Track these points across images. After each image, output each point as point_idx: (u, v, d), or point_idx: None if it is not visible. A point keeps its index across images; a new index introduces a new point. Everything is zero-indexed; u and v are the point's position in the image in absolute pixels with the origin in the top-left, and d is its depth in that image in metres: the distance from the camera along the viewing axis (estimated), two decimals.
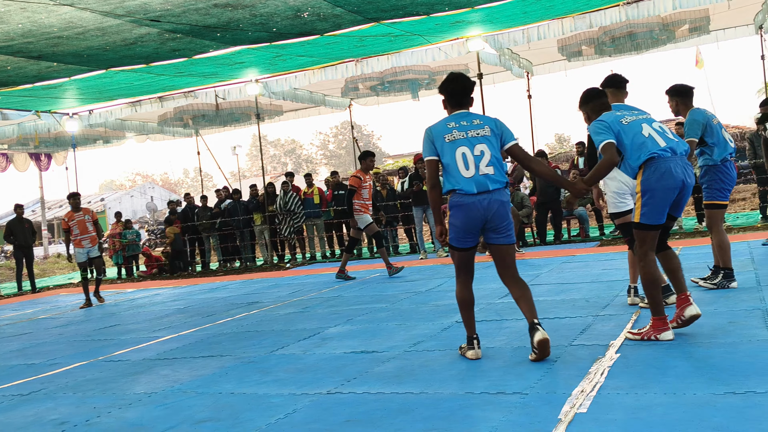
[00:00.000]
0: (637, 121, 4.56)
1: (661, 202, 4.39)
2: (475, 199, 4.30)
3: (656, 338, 4.43)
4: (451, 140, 4.37)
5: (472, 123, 4.42)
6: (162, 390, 4.70)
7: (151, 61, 11.56)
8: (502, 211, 4.34)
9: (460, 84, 4.52)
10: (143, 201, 50.32)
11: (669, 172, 4.35)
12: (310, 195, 15.55)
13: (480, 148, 4.33)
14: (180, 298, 10.96)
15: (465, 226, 4.40)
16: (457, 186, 4.33)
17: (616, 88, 5.40)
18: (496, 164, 4.33)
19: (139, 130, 19.36)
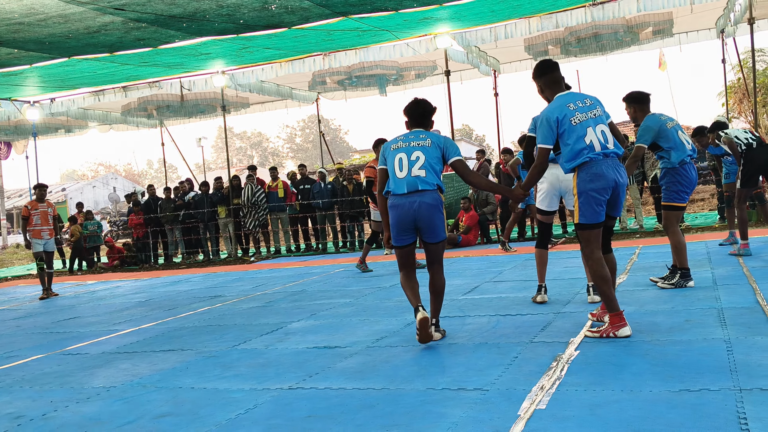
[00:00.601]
0: (585, 123, 4.57)
1: (596, 202, 4.55)
2: (405, 200, 4.73)
3: (614, 335, 4.51)
4: (394, 149, 4.88)
5: (417, 137, 4.88)
6: (121, 384, 4.64)
7: (115, 50, 11.38)
8: (427, 213, 4.72)
9: (420, 107, 5.01)
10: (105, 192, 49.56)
11: (601, 174, 4.52)
12: (274, 189, 15.47)
13: (416, 154, 4.76)
14: (141, 291, 10.84)
15: (397, 224, 4.82)
16: (390, 187, 4.82)
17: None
18: (429, 169, 4.73)
19: (102, 120, 19.07)
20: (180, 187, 16.71)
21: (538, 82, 4.88)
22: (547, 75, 4.82)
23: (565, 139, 4.58)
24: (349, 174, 15.38)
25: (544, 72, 4.84)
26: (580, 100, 4.67)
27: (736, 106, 22.09)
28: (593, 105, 4.67)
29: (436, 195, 4.75)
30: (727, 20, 14.21)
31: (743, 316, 4.87)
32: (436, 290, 5.01)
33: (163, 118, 19.53)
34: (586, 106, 4.64)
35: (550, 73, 4.82)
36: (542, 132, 4.63)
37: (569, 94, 4.76)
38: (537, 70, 4.88)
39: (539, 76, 4.86)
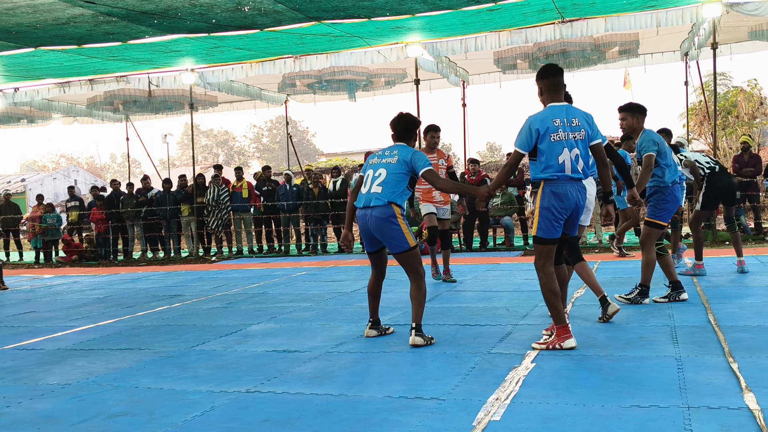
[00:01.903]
0: (563, 143, 4.63)
1: (555, 219, 4.68)
2: (360, 212, 5.18)
3: (560, 347, 4.66)
4: (371, 164, 5.29)
5: (391, 153, 5.21)
6: (76, 382, 4.59)
7: (83, 42, 11.24)
8: (378, 226, 5.06)
9: (402, 122, 5.33)
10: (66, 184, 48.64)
11: (566, 195, 4.65)
12: (239, 189, 15.39)
13: (380, 171, 5.13)
14: (100, 287, 10.69)
15: (361, 234, 5.27)
16: (357, 201, 5.25)
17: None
18: (387, 184, 5.05)
19: (67, 112, 18.77)
20: (143, 183, 16.53)
21: (539, 84, 4.88)
22: (549, 78, 4.82)
23: (540, 152, 4.65)
24: (315, 177, 15.37)
25: (546, 75, 4.84)
26: (568, 118, 4.70)
27: (697, 128, 22.58)
28: (579, 126, 4.71)
29: (388, 209, 5.02)
30: (692, 44, 14.55)
31: (695, 334, 5.01)
32: (412, 296, 5.18)
33: (129, 113, 19.28)
34: (571, 126, 4.68)
35: (552, 77, 4.83)
36: (521, 137, 4.71)
37: (561, 107, 4.76)
38: (541, 72, 4.88)
39: (541, 78, 4.86)
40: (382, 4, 9.94)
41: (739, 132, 20.53)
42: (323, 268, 11.73)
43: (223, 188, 15.16)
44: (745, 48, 15.08)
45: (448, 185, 5.68)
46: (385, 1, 9.77)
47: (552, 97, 4.82)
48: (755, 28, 13.66)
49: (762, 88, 22.44)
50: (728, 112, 22.64)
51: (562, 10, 11.42)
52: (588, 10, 11.76)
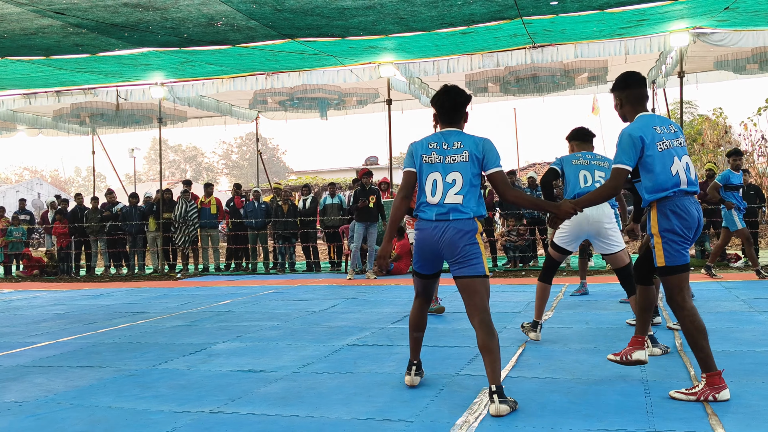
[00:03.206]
0: (672, 152, 4.06)
1: (683, 240, 4.01)
2: (431, 224, 4.05)
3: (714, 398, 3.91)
4: (427, 162, 4.11)
5: (451, 146, 4.09)
6: (34, 399, 4.46)
7: (51, 53, 11.08)
8: (455, 239, 3.97)
9: (450, 98, 4.20)
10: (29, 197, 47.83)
11: (687, 212, 4.01)
12: (207, 205, 15.25)
13: (453, 176, 4.03)
14: (61, 303, 10.46)
15: (420, 250, 4.15)
16: (418, 210, 4.13)
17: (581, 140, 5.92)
18: (467, 194, 4.00)
19: (32, 124, 18.44)
20: (108, 198, 16.30)
21: (620, 95, 4.26)
22: (632, 89, 4.21)
23: (649, 166, 4.01)
24: (285, 194, 15.29)
25: (628, 85, 4.23)
26: (665, 125, 4.11)
27: None
28: (677, 133, 4.13)
29: (472, 223, 3.99)
30: (659, 72, 14.83)
31: (661, 359, 5.03)
32: (483, 347, 3.90)
33: (95, 126, 19.03)
34: (671, 133, 4.09)
35: (636, 88, 4.21)
36: (623, 150, 3.98)
37: (653, 116, 4.17)
38: (622, 82, 4.25)
39: (623, 89, 4.24)
40: (356, 23, 9.97)
41: (704, 159, 20.93)
42: (291, 286, 11.63)
43: (191, 204, 15.00)
44: (711, 77, 15.43)
45: (521, 197, 4.24)
46: (359, 20, 9.81)
47: (638, 109, 4.21)
48: (721, 58, 13.97)
49: (727, 117, 22.95)
50: (694, 139, 23.09)
51: (534, 35, 11.57)
52: (558, 37, 11.93)
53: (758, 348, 5.31)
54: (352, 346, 5.95)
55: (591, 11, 9.92)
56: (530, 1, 9.26)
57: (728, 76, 15.05)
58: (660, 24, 11.24)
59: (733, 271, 11.55)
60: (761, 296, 8.25)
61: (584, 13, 10.02)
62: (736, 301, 7.88)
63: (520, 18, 10.17)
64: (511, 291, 9.13)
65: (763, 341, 5.58)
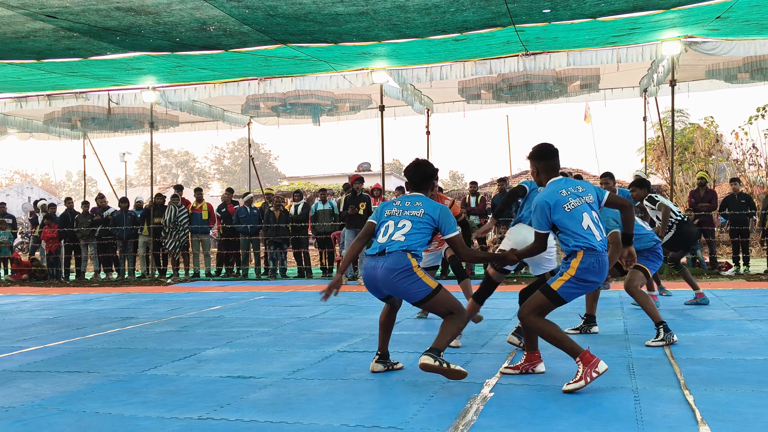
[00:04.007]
0: (581, 209, 4.53)
1: (585, 290, 4.56)
2: (370, 262, 4.72)
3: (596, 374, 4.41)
4: (387, 215, 4.85)
5: (413, 205, 4.81)
6: (21, 405, 4.42)
7: (43, 57, 11.04)
8: (387, 278, 4.61)
9: (420, 171, 4.97)
10: (20, 201, 47.53)
11: (602, 270, 4.49)
12: (198, 210, 15.20)
13: (404, 222, 4.72)
14: (50, 308, 10.39)
15: (367, 284, 4.82)
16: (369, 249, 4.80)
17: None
18: (409, 236, 4.65)
19: (23, 127, 18.36)
20: (99, 202, 16.23)
21: (536, 165, 4.77)
22: (546, 161, 4.74)
23: (563, 225, 4.49)
24: (277, 200, 15.26)
25: (543, 157, 4.76)
26: (572, 187, 4.60)
27: (654, 163, 23.03)
28: (585, 192, 4.61)
29: (403, 259, 4.59)
30: (650, 80, 14.91)
31: (651, 366, 5.03)
32: (444, 321, 4.71)
33: (87, 130, 18.96)
34: (578, 192, 4.57)
35: (549, 159, 4.74)
36: (536, 218, 4.56)
37: (561, 180, 4.67)
38: (538, 152, 4.77)
39: (538, 159, 4.76)
40: (349, 29, 9.98)
41: (695, 168, 21.00)
42: (282, 292, 11.59)
43: (182, 209, 14.95)
44: (703, 86, 15.51)
45: (473, 255, 5.13)
46: (352, 26, 9.81)
47: (550, 176, 4.72)
48: (712, 67, 14.05)
49: (718, 126, 23.03)
50: (685, 148, 23.17)
51: (526, 43, 11.60)
52: (551, 44, 11.97)
53: (748, 356, 5.31)
54: (342, 353, 5.93)
55: (583, 19, 9.96)
56: (523, 8, 9.29)
57: (720, 85, 15.14)
58: (652, 33, 11.30)
59: (723, 280, 11.59)
60: (751, 305, 8.27)
61: (576, 21, 10.06)
62: (727, 310, 7.90)
63: (512, 25, 10.20)
64: (501, 298, 9.11)
65: (753, 350, 5.58)
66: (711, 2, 9.36)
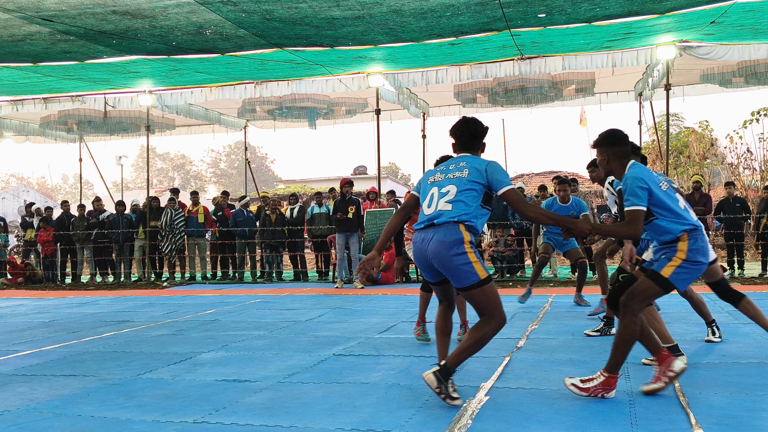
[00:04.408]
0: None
1: (698, 274, 4.26)
2: (419, 235, 4.17)
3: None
4: (430, 182, 4.27)
5: (457, 166, 4.22)
6: (16, 409, 4.41)
7: (39, 60, 11.04)
8: (438, 250, 4.01)
9: (468, 128, 4.36)
10: (15, 204, 47.45)
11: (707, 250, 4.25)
12: (194, 213, 15.20)
13: (448, 187, 4.12)
14: (45, 311, 10.38)
15: (416, 261, 4.26)
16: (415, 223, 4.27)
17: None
18: (458, 202, 4.05)
19: (19, 131, 18.35)
20: (95, 205, 16.22)
21: (606, 151, 4.35)
22: (618, 147, 4.33)
23: (664, 204, 4.14)
24: (273, 203, 15.26)
25: (614, 143, 4.34)
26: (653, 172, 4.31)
27: (650, 167, 23.13)
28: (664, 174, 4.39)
29: (455, 231, 3.99)
30: (645, 84, 14.95)
31: (646, 370, 5.04)
32: (467, 335, 4.14)
33: (83, 134, 18.96)
34: (661, 174, 4.37)
35: (623, 145, 4.34)
36: (632, 194, 4.09)
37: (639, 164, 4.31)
38: (608, 139, 4.35)
39: (609, 146, 4.34)
40: (345, 33, 10.00)
41: (690, 172, 21.07)
42: (278, 296, 11.59)
43: (178, 212, 14.94)
44: (697, 90, 15.57)
45: (538, 214, 4.21)
46: (348, 30, 9.84)
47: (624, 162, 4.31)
48: (707, 72, 14.11)
49: (713, 130, 23.13)
50: (680, 152, 23.25)
51: (522, 47, 11.64)
52: (546, 49, 12.01)
53: (743, 360, 5.33)
54: (338, 356, 5.94)
55: (579, 24, 10.00)
56: (519, 13, 9.32)
57: (714, 89, 15.19)
58: (647, 37, 11.34)
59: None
60: None
61: (572, 25, 10.10)
62: (722, 313, 7.91)
63: (508, 30, 10.23)
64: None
65: (748, 353, 5.60)
66: (706, 7, 9.40)
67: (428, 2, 8.65)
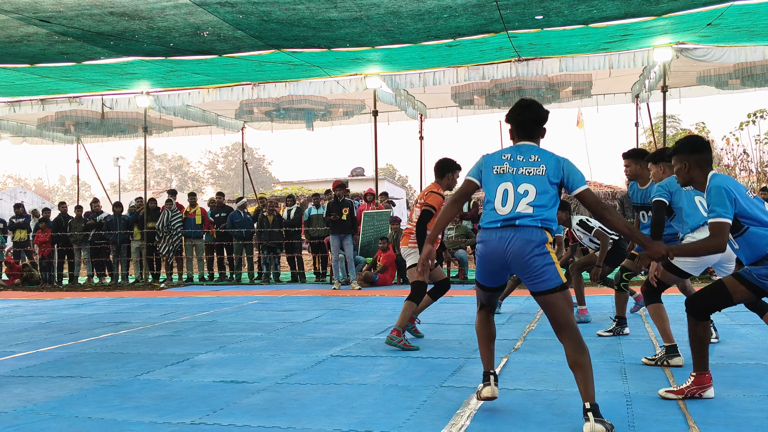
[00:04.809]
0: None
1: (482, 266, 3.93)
2: (496, 234, 3.78)
3: (700, 395, 4.22)
4: (498, 173, 3.86)
5: (528, 159, 3.84)
6: (13, 410, 4.40)
7: (36, 61, 11.03)
8: (522, 251, 3.69)
9: (531, 112, 3.95)
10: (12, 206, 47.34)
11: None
12: (192, 214, 15.18)
13: (525, 187, 3.77)
14: (42, 312, 10.36)
15: (483, 263, 3.90)
16: (483, 220, 3.87)
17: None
18: (540, 207, 3.73)
19: (16, 132, 18.32)
20: (93, 206, 16.20)
21: (687, 159, 4.13)
22: (700, 154, 4.13)
23: (752, 215, 3.96)
24: (270, 205, 15.25)
25: (696, 149, 4.14)
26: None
27: None
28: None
29: (540, 233, 3.70)
30: (642, 86, 14.98)
31: (643, 371, 5.05)
32: (574, 364, 3.68)
33: (80, 135, 18.94)
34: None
35: (705, 152, 4.15)
36: (717, 205, 3.90)
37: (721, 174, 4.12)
38: (690, 146, 4.15)
39: (692, 152, 4.13)
40: (343, 35, 10.01)
41: None
42: (275, 297, 11.59)
43: (176, 213, 14.93)
44: (694, 92, 15.60)
45: (617, 221, 3.78)
46: (346, 32, 9.84)
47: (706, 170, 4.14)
48: (703, 74, 14.13)
49: (709, 132, 23.18)
50: None
51: (519, 48, 11.65)
52: (543, 50, 12.02)
53: (740, 361, 5.34)
54: (335, 357, 5.94)
55: (576, 26, 10.02)
56: (516, 15, 9.34)
57: (711, 91, 15.23)
58: (644, 39, 11.36)
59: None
60: (743, 309, 8.28)
61: (569, 27, 10.11)
62: (719, 314, 7.92)
63: (505, 31, 10.24)
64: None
65: (745, 354, 5.62)
66: (702, 9, 9.42)
67: (425, 4, 8.66)
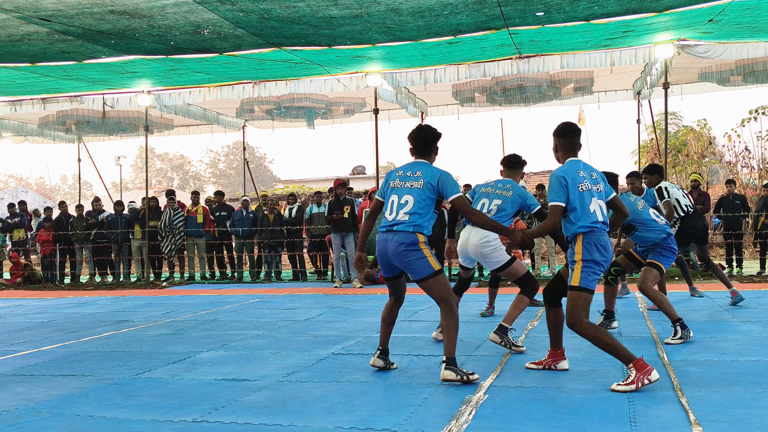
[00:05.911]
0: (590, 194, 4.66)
1: (600, 270, 4.61)
2: (381, 236, 4.86)
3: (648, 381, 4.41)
4: (392, 187, 4.93)
5: (413, 174, 4.86)
6: (15, 409, 4.41)
7: (37, 60, 11.02)
8: (396, 251, 4.74)
9: (422, 135, 5.02)
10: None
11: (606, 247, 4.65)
12: (194, 213, 15.18)
13: (406, 198, 4.78)
14: (44, 311, 10.37)
15: (379, 258, 4.91)
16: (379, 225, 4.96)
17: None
18: (414, 214, 4.74)
19: (17, 131, 18.31)
20: (94, 206, 16.20)
21: (557, 141, 4.83)
22: (566, 138, 4.79)
23: (572, 203, 4.57)
24: (271, 203, 15.25)
25: (563, 134, 4.81)
26: (589, 171, 4.72)
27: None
28: (598, 180, 4.74)
29: (411, 236, 4.70)
30: (644, 83, 14.94)
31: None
32: (443, 327, 4.76)
33: (81, 134, 18.92)
34: (592, 179, 4.68)
35: (569, 137, 4.79)
36: (553, 191, 4.58)
37: (580, 161, 4.76)
38: (561, 130, 4.83)
39: (559, 136, 4.82)
40: (343, 32, 9.99)
41: (688, 170, 21.07)
42: (276, 295, 11.59)
43: (177, 212, 14.93)
44: (696, 89, 15.56)
45: (481, 219, 4.92)
46: (346, 30, 9.82)
47: (569, 155, 4.79)
48: (705, 70, 14.10)
49: (711, 128, 23.12)
50: (678, 150, 23.24)
51: (520, 46, 11.62)
52: (544, 47, 11.99)
53: (741, 357, 5.34)
54: (337, 355, 5.94)
55: (577, 22, 9.99)
56: (516, 11, 9.31)
57: (712, 87, 15.18)
58: (645, 35, 11.33)
59: (717, 281, 11.61)
60: (744, 306, 8.30)
61: (570, 24, 10.08)
62: (720, 311, 7.93)
63: (506, 28, 10.22)
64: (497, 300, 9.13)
65: (746, 351, 5.61)
66: (703, 5, 9.40)
67: (426, 1, 8.64)
